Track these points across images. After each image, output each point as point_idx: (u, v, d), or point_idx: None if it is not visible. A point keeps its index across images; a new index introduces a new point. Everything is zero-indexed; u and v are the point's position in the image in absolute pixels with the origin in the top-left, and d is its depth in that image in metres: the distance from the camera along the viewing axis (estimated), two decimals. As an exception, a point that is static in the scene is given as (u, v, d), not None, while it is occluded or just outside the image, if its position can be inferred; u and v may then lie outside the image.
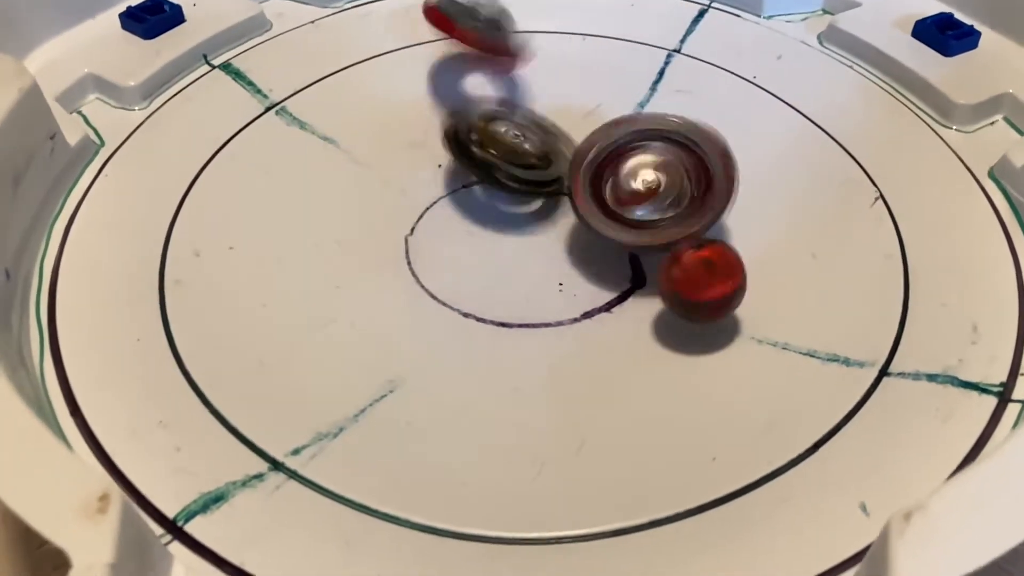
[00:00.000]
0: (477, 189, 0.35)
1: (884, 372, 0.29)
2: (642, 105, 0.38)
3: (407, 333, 0.30)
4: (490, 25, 0.37)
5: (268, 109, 0.38)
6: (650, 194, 0.30)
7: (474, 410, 0.28)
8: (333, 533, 0.25)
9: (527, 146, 0.34)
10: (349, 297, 0.31)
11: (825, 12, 0.43)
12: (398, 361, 0.29)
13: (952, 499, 0.20)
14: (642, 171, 0.31)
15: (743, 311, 0.31)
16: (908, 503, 0.20)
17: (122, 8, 0.41)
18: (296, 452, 0.27)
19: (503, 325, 0.31)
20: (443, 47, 0.40)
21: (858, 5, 0.42)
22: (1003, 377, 0.29)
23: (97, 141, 0.36)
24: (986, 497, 0.20)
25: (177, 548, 0.24)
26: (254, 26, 0.42)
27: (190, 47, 0.39)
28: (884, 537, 0.20)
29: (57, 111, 0.34)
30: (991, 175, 0.35)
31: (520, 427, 0.28)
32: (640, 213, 0.30)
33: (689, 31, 0.42)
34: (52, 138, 0.33)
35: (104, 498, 0.20)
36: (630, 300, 0.31)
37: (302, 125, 0.37)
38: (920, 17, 0.40)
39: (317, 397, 0.28)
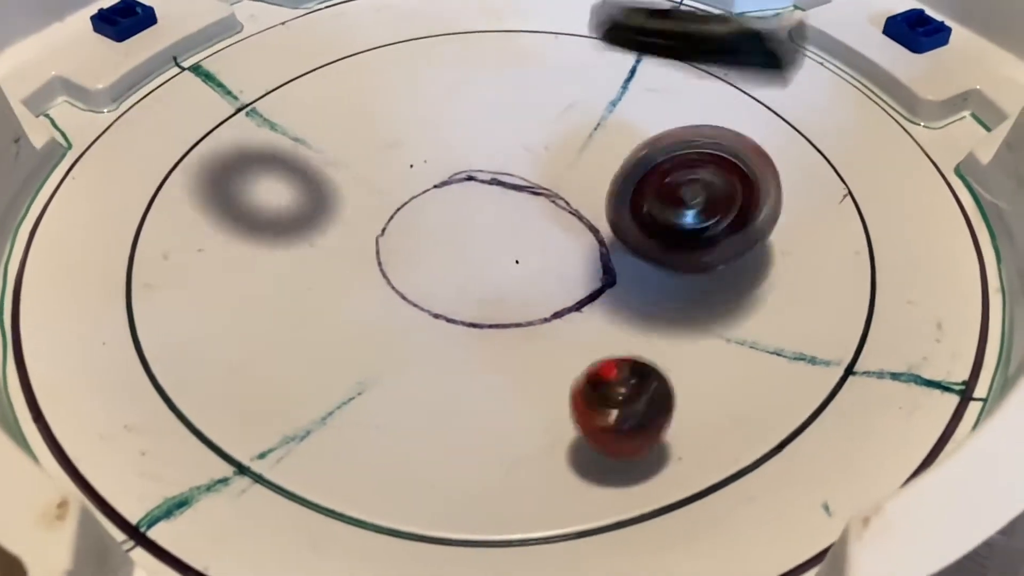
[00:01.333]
0: (449, 189, 0.35)
1: (850, 371, 0.29)
2: (614, 104, 0.38)
3: (377, 335, 0.30)
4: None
5: (238, 111, 0.38)
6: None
7: (443, 411, 0.28)
8: (299, 537, 0.25)
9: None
10: (319, 298, 0.31)
11: (796, 8, 0.44)
12: (368, 363, 0.29)
13: (910, 502, 0.20)
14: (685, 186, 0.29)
15: (713, 309, 0.31)
16: (869, 503, 0.20)
17: (93, 10, 0.40)
18: (262, 456, 0.27)
19: (473, 326, 0.31)
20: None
21: (828, 2, 0.42)
22: (965, 375, 0.29)
23: (64, 144, 0.36)
24: (944, 500, 0.20)
25: (139, 554, 0.24)
26: (225, 28, 0.41)
27: (160, 49, 0.39)
28: (843, 540, 0.20)
29: (23, 114, 0.34)
30: (957, 172, 0.35)
31: (489, 428, 0.28)
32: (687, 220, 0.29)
33: (661, 29, 0.42)
34: (17, 141, 0.33)
35: (63, 505, 0.20)
36: (600, 300, 0.31)
37: (273, 126, 0.37)
38: (891, 14, 0.40)
39: (285, 400, 0.28)
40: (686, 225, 0.29)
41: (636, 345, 0.30)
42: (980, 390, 0.28)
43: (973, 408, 0.28)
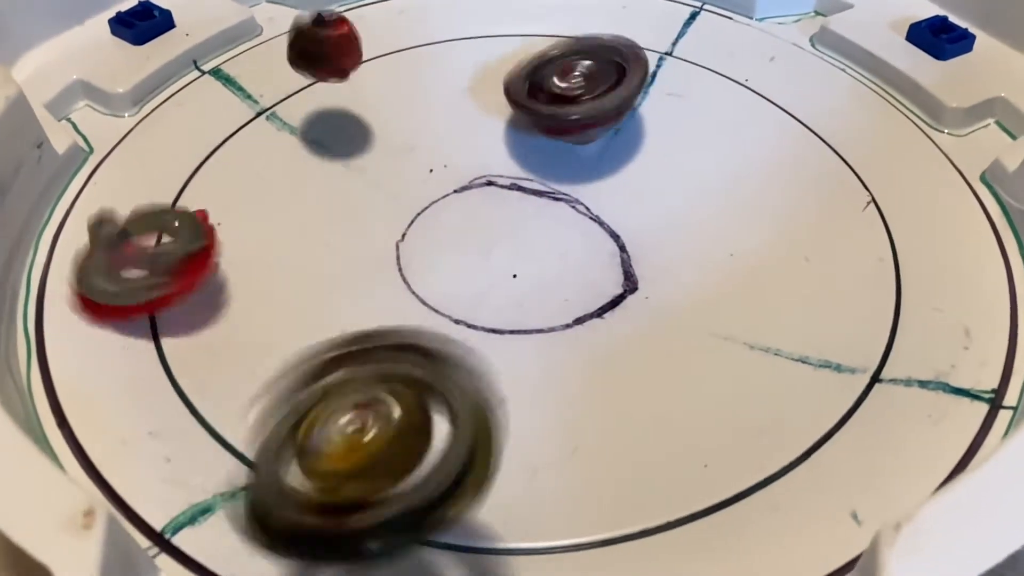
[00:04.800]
0: (469, 194, 0.35)
1: (876, 378, 0.29)
2: (634, 108, 0.38)
3: (398, 340, 0.30)
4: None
5: (258, 114, 0.38)
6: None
7: (465, 418, 0.28)
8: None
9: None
10: (340, 304, 0.31)
11: (818, 14, 0.43)
12: (388, 369, 0.29)
13: (942, 509, 0.20)
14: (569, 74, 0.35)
15: (736, 316, 0.31)
16: (899, 511, 0.20)
17: (111, 14, 0.40)
18: (285, 462, 0.27)
19: (494, 331, 0.30)
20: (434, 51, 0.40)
21: (850, 7, 0.42)
22: (995, 383, 0.28)
23: (86, 148, 0.36)
24: (976, 507, 0.20)
25: (164, 561, 0.24)
26: (244, 31, 0.41)
27: (180, 53, 0.39)
28: (874, 548, 0.20)
29: (45, 119, 0.34)
30: (983, 179, 0.35)
31: (511, 435, 0.28)
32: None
33: (681, 34, 0.42)
34: (39, 146, 0.33)
35: (89, 513, 0.20)
36: (622, 306, 0.31)
37: (292, 130, 0.37)
38: (915, 20, 0.40)
39: (307, 406, 0.28)
40: (564, 89, 0.34)
41: (658, 352, 0.30)
42: (1010, 398, 0.28)
43: (1003, 416, 0.28)
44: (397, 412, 0.20)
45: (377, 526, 0.18)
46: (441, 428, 0.20)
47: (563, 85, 0.34)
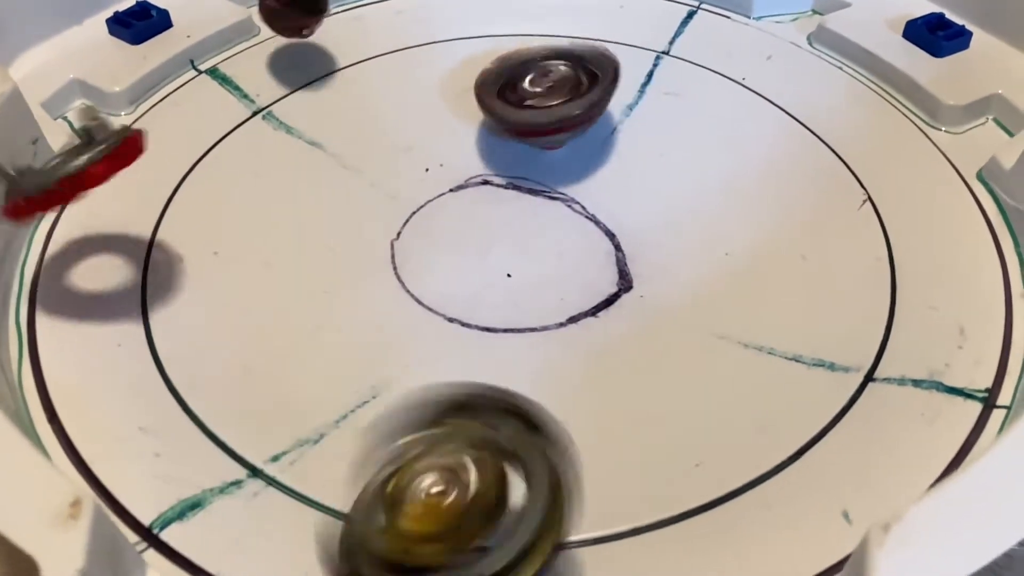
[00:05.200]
0: (465, 193, 0.35)
1: (870, 377, 0.29)
2: (631, 107, 0.38)
3: (392, 338, 0.30)
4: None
5: (255, 114, 0.38)
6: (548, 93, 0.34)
7: (457, 416, 0.28)
8: (311, 540, 0.25)
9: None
10: (334, 302, 0.31)
11: (815, 13, 0.43)
12: (382, 366, 0.29)
13: (931, 510, 0.20)
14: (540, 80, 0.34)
15: (731, 315, 0.30)
16: (891, 511, 0.20)
17: (109, 13, 0.40)
18: (275, 459, 0.27)
19: (488, 330, 0.30)
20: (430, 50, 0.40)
21: (848, 5, 0.42)
22: (988, 382, 0.28)
23: (82, 146, 0.36)
24: (966, 507, 0.20)
25: (152, 556, 0.24)
26: (241, 31, 0.41)
27: (177, 52, 0.39)
28: (863, 548, 0.20)
29: (42, 116, 0.34)
30: (979, 177, 0.35)
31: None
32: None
33: (678, 33, 0.42)
34: (34, 143, 0.33)
35: (76, 504, 0.20)
36: (617, 305, 0.31)
37: (288, 130, 0.37)
38: (911, 17, 0.40)
39: (299, 403, 0.28)
40: (533, 93, 0.34)
41: (652, 350, 0.30)
42: (1004, 397, 0.28)
43: (996, 416, 0.27)
44: (476, 482, 0.21)
45: None
46: (518, 492, 0.21)
47: (533, 89, 0.34)
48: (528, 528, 0.20)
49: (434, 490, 0.21)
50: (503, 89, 0.34)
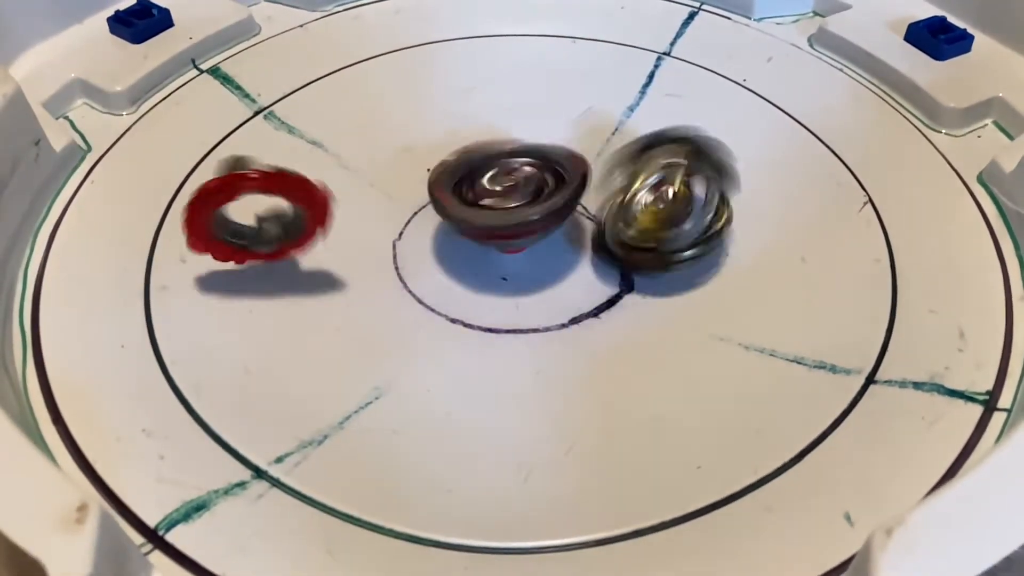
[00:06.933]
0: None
1: (871, 380, 0.29)
2: (632, 108, 0.38)
3: (394, 339, 0.30)
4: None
5: (256, 113, 0.38)
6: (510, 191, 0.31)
7: (460, 417, 0.28)
8: (316, 541, 0.25)
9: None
10: (336, 303, 0.31)
11: (816, 14, 0.43)
12: (385, 367, 0.29)
13: (935, 513, 0.20)
14: (501, 177, 0.31)
15: (732, 316, 0.31)
16: (891, 513, 0.20)
17: (110, 12, 0.40)
18: (280, 460, 0.27)
19: (490, 331, 0.30)
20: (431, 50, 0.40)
21: (848, 7, 0.42)
22: (989, 385, 0.28)
23: (84, 146, 0.36)
24: (969, 511, 0.20)
25: (158, 558, 0.24)
26: (243, 30, 0.41)
27: (178, 51, 0.39)
28: (866, 552, 0.20)
29: (43, 117, 0.34)
30: (980, 180, 0.35)
31: (506, 434, 0.28)
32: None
33: (679, 34, 0.42)
34: (37, 144, 0.33)
35: (82, 508, 0.20)
36: (618, 306, 0.31)
37: (290, 129, 0.37)
38: (912, 20, 0.40)
39: (302, 404, 0.28)
40: (492, 193, 0.31)
41: (653, 352, 0.30)
42: (1004, 400, 0.28)
43: (997, 419, 0.28)
44: (673, 188, 0.30)
45: (679, 249, 0.31)
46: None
47: (492, 188, 0.31)
48: (711, 209, 0.30)
49: (648, 199, 0.31)
50: (460, 184, 0.31)
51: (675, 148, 0.31)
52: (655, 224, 0.30)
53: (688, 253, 0.31)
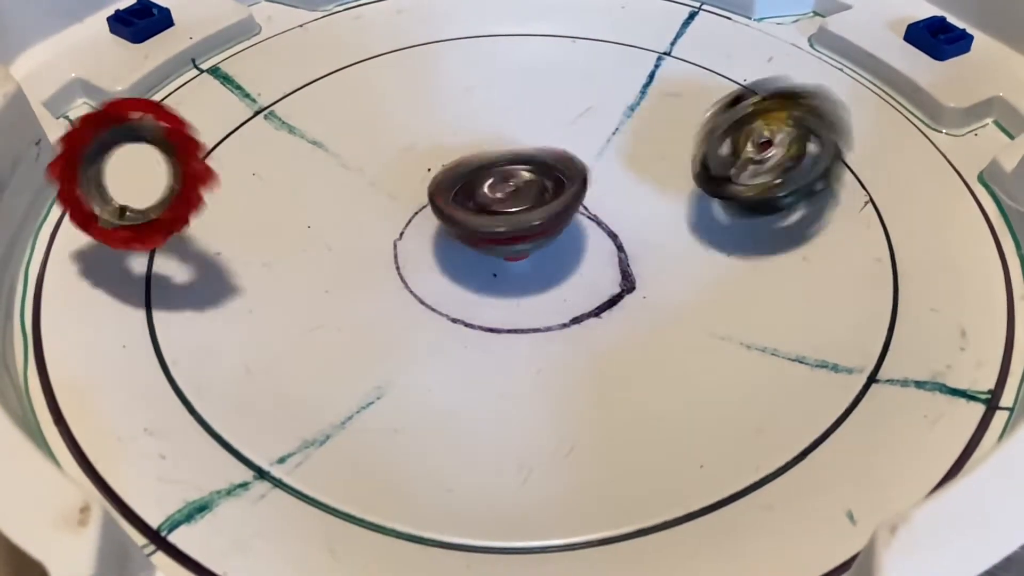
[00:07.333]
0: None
1: (873, 379, 0.29)
2: (632, 108, 0.38)
3: (395, 339, 0.30)
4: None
5: (256, 113, 0.38)
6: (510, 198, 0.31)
7: (462, 416, 0.28)
8: (318, 541, 0.25)
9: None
10: (337, 302, 0.31)
11: (816, 14, 0.43)
12: (386, 367, 0.29)
13: (938, 512, 0.20)
14: (500, 185, 0.31)
15: (733, 316, 0.31)
16: (894, 512, 0.20)
17: (110, 12, 0.40)
18: (282, 460, 0.27)
19: (491, 330, 0.30)
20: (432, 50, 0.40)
21: (849, 7, 0.42)
22: (991, 384, 0.28)
23: (84, 146, 0.36)
24: (972, 509, 0.20)
25: (160, 558, 0.24)
26: (243, 30, 0.41)
27: (178, 51, 0.39)
28: (870, 549, 0.20)
29: (44, 116, 0.34)
30: (981, 179, 0.35)
31: (508, 434, 0.28)
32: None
33: (680, 33, 0.42)
34: (37, 143, 0.33)
35: (85, 509, 0.20)
36: (619, 305, 0.31)
37: (291, 129, 0.37)
38: (912, 20, 0.40)
39: (304, 404, 0.28)
40: (493, 200, 0.31)
41: (655, 351, 0.30)
42: (1006, 399, 0.28)
43: (999, 417, 0.28)
44: (781, 137, 0.32)
45: (791, 193, 0.32)
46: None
47: (492, 195, 0.31)
48: (827, 155, 0.32)
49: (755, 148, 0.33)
50: (459, 193, 0.31)
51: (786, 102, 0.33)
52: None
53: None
